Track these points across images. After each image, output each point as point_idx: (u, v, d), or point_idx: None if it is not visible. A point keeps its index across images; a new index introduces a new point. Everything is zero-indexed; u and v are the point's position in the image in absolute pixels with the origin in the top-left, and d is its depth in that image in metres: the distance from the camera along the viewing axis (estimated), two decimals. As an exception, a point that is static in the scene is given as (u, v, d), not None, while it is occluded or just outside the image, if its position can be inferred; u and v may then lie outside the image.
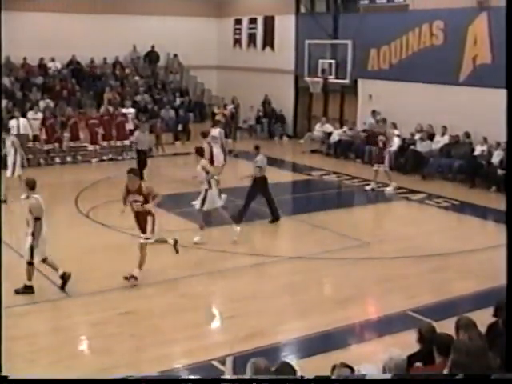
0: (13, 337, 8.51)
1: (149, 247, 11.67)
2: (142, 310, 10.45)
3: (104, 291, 11.06)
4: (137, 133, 20.11)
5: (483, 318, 7.04)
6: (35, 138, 22.31)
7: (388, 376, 5.67)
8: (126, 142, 23.55)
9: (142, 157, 19.19)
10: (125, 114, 24.63)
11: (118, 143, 23.85)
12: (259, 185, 15.78)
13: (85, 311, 10.49)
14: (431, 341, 6.27)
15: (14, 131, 20.20)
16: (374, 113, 24.03)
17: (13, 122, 21.28)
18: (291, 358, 8.94)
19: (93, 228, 14.89)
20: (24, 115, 22.50)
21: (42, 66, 27.13)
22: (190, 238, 13.91)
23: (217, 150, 18.44)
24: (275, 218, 15.75)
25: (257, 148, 16.10)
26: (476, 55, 20.63)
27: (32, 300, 10.55)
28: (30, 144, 21.99)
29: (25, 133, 21.53)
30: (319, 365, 7.80)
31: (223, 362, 8.44)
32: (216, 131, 19.12)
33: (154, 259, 13.00)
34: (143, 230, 11.63)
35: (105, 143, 23.64)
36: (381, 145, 19.31)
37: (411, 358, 6.08)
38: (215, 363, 8.49)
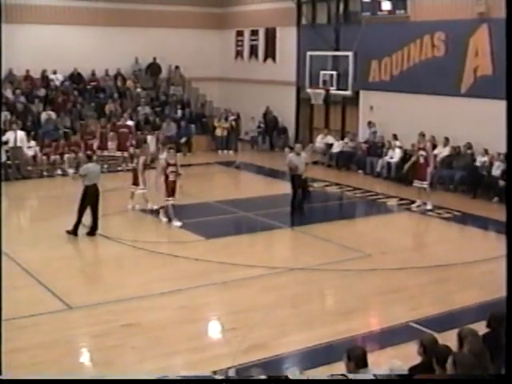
0: (14, 349, 8.49)
1: (150, 260, 11.60)
2: (143, 322, 10.41)
3: (105, 303, 11.03)
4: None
5: (485, 330, 7.02)
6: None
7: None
8: (126, 154, 23.62)
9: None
10: (129, 126, 24.65)
11: (118, 153, 23.93)
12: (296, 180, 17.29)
13: (86, 323, 10.45)
14: (433, 353, 6.27)
15: (10, 143, 20.24)
16: (369, 124, 24.09)
17: (9, 135, 21.34)
18: (293, 370, 8.93)
19: (94, 239, 14.87)
20: (23, 128, 22.60)
21: (45, 79, 27.22)
22: (191, 250, 13.92)
23: None
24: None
25: (303, 147, 17.57)
26: (477, 66, 20.65)
27: (33, 312, 10.53)
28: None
29: (21, 145, 21.60)
30: (321, 377, 7.77)
31: (225, 374, 8.43)
32: None
33: (154, 271, 13.03)
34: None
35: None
36: (422, 160, 18.09)
37: (412, 370, 6.06)
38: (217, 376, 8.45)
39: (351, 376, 5.86)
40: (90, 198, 14.74)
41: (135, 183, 17.28)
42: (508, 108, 5.68)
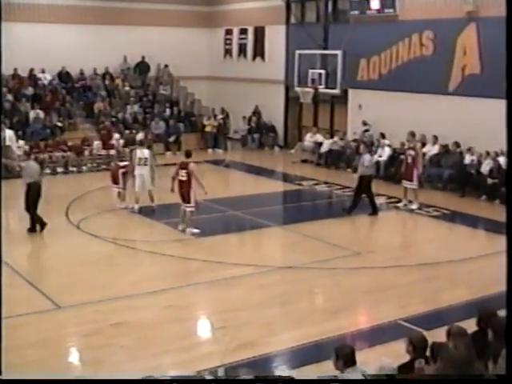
0: (2, 349, 8.45)
1: (139, 259, 11.54)
2: (131, 321, 10.39)
3: (94, 302, 11.00)
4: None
5: (474, 327, 7.04)
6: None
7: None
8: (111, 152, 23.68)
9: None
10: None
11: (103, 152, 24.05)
12: (365, 182, 16.98)
13: (74, 323, 10.42)
14: (423, 350, 6.29)
15: None
16: (364, 123, 24.12)
17: None
18: (282, 369, 8.94)
19: (83, 239, 14.83)
20: (11, 127, 22.56)
21: (32, 77, 27.11)
22: (180, 249, 13.92)
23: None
24: (375, 212, 17.12)
25: (367, 146, 17.73)
26: (465, 65, 20.72)
27: (21, 312, 10.48)
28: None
29: (10, 144, 21.53)
30: (310, 375, 7.78)
31: (214, 373, 8.43)
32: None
33: (143, 270, 13.01)
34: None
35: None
36: (410, 160, 17.92)
37: (401, 369, 6.07)
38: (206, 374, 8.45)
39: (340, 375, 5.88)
40: (32, 195, 14.73)
41: (115, 182, 17.30)
42: (508, 108, 5.68)
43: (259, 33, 29.09)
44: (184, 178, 15.06)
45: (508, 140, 5.61)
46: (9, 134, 21.78)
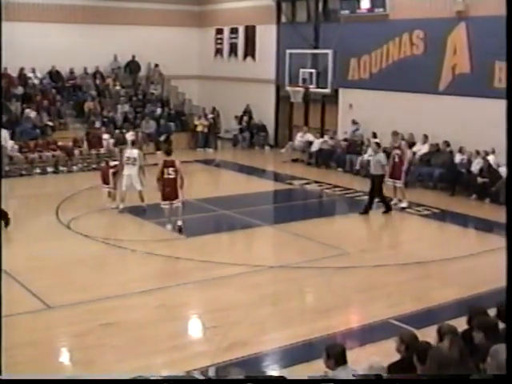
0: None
1: (129, 258, 11.54)
2: (122, 321, 10.38)
3: (84, 302, 10.98)
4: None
5: (464, 326, 7.07)
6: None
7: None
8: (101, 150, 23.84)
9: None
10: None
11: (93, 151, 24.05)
12: (378, 181, 17.12)
13: (65, 323, 10.40)
14: (415, 349, 6.30)
15: None
16: (353, 122, 24.15)
17: None
18: (273, 368, 8.95)
19: (73, 238, 14.80)
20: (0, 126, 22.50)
21: (22, 76, 27.01)
22: (171, 248, 13.91)
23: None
24: (388, 211, 17.31)
25: (378, 145, 17.76)
26: (455, 64, 20.78)
27: (11, 312, 10.44)
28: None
29: (4, 145, 21.47)
30: (301, 374, 7.79)
31: (205, 373, 8.43)
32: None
33: (134, 270, 13.00)
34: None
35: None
36: (396, 159, 17.90)
37: (392, 367, 6.08)
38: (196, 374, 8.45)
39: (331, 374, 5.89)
40: None
41: (105, 182, 17.28)
42: (508, 108, 5.69)
43: (250, 32, 29.08)
44: (172, 176, 15.13)
45: (508, 140, 5.63)
46: (4, 134, 21.74)
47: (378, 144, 18.17)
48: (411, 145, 21.55)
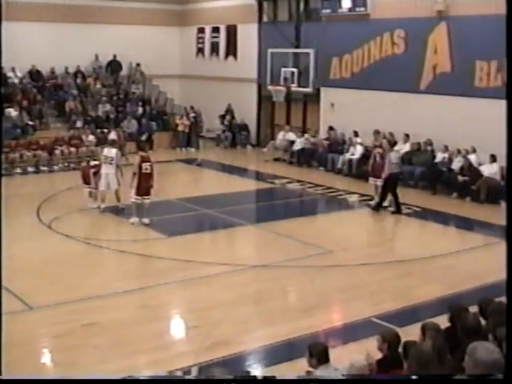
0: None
1: (111, 258, 11.49)
2: (105, 321, 10.33)
3: (66, 303, 10.92)
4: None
5: (446, 324, 7.11)
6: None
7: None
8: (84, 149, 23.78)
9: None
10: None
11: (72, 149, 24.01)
12: (393, 180, 17.19)
13: (47, 323, 10.34)
14: (397, 348, 6.33)
15: None
16: (331, 128, 24.17)
17: None
18: (256, 367, 8.95)
19: (55, 238, 14.72)
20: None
21: (2, 76, 26.79)
22: (153, 248, 13.88)
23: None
24: (398, 211, 17.26)
25: (392, 145, 17.92)
26: (436, 64, 20.87)
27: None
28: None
29: None
30: (284, 373, 7.80)
31: (188, 372, 8.42)
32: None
33: (115, 269, 12.96)
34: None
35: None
36: (378, 158, 17.93)
37: (378, 364, 6.10)
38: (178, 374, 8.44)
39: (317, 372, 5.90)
40: None
41: (86, 182, 17.20)
42: (508, 108, 5.71)
43: (231, 31, 29.08)
44: (149, 171, 15.37)
45: (508, 140, 5.65)
46: None
47: (389, 142, 18.24)
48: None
